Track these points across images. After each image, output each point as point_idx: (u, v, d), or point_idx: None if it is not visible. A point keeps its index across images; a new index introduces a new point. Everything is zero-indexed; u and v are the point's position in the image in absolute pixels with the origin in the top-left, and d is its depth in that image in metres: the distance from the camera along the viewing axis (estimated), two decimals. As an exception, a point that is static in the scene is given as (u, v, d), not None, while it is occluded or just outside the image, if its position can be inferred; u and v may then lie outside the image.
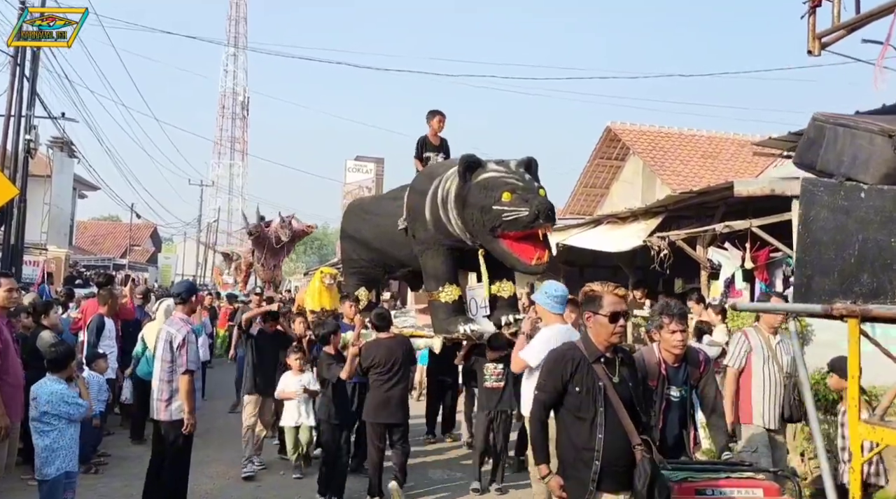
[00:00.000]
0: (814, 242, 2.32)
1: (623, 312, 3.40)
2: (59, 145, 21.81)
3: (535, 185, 5.80)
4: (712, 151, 18.35)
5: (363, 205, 8.59)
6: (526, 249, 5.60)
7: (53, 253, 21.49)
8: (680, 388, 4.18)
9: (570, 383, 3.33)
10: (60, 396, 4.80)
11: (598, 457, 3.21)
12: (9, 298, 5.06)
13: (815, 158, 2.40)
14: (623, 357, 3.49)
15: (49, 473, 4.71)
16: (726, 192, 8.16)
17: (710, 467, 4.00)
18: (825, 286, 2.26)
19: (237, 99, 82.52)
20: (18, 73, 13.48)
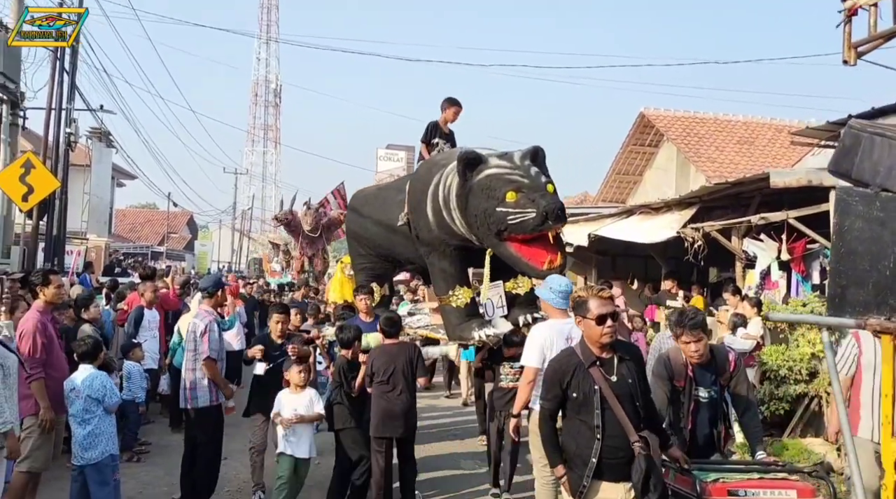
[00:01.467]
0: (848, 253, 2.29)
1: (611, 314, 3.49)
2: (98, 136, 22.21)
3: (542, 180, 5.28)
4: (748, 137, 18.01)
5: (366, 196, 7.70)
6: (537, 253, 5.12)
7: (94, 242, 22.03)
8: (708, 388, 4.16)
9: (568, 389, 3.50)
10: (101, 382, 4.94)
11: (595, 455, 3.40)
12: (58, 294, 5.24)
13: (851, 166, 2.37)
14: (621, 355, 3.57)
15: (93, 456, 4.84)
16: (762, 183, 8.04)
17: (743, 466, 3.98)
18: (860, 298, 2.24)
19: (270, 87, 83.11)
20: (59, 67, 13.75)
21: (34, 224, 13.04)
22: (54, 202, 13.76)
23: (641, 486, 3.26)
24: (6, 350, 4.30)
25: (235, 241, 50.90)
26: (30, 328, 5.00)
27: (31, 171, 11.29)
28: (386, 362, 5.48)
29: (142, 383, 7.72)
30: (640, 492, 3.28)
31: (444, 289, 6.12)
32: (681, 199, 9.92)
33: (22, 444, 4.87)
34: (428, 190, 5.84)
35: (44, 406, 4.95)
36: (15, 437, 4.30)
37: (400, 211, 6.43)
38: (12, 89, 11.92)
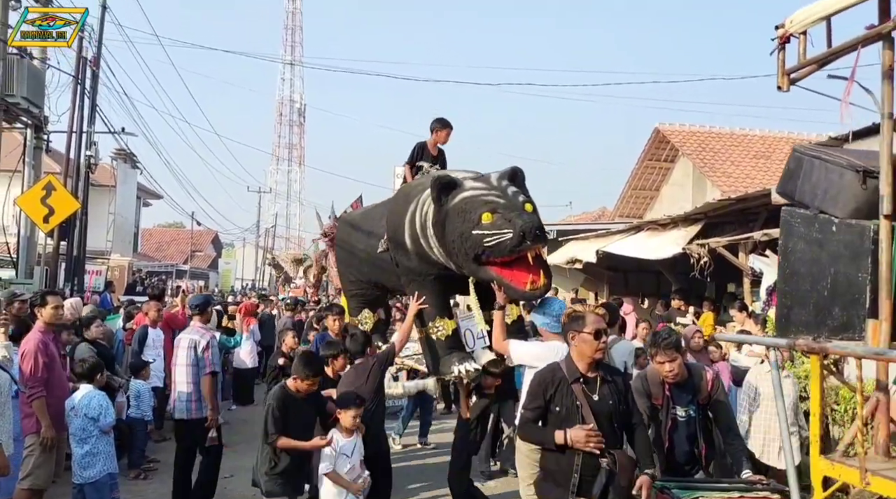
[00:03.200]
0: (792, 273, 2.32)
1: (604, 330, 3.56)
2: (123, 157, 22.71)
3: (519, 200, 4.99)
4: (765, 152, 17.87)
5: (352, 220, 7.41)
6: (518, 275, 4.83)
7: (116, 261, 22.44)
8: (686, 407, 4.17)
9: (551, 402, 3.55)
10: (97, 401, 5.06)
11: (577, 470, 3.44)
12: (55, 315, 5.38)
13: (794, 188, 2.40)
14: (604, 375, 3.62)
15: (91, 475, 4.96)
16: (766, 198, 8.00)
17: (726, 484, 3.95)
18: (802, 318, 2.26)
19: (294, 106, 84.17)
20: (80, 92, 14.16)
21: (55, 245, 13.38)
22: (75, 223, 14.12)
23: (600, 496, 3.36)
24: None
25: (259, 258, 51.46)
26: (31, 348, 5.14)
27: (52, 193, 11.62)
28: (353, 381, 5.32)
29: (150, 402, 7.84)
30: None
31: (424, 320, 5.78)
32: (686, 215, 9.90)
33: (24, 461, 5.02)
34: (405, 217, 5.64)
35: (45, 425, 5.08)
36: (3, 453, 4.40)
37: (379, 238, 6.22)
38: (36, 114, 12.29)
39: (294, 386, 4.76)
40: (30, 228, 12.48)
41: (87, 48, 14.32)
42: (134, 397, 7.62)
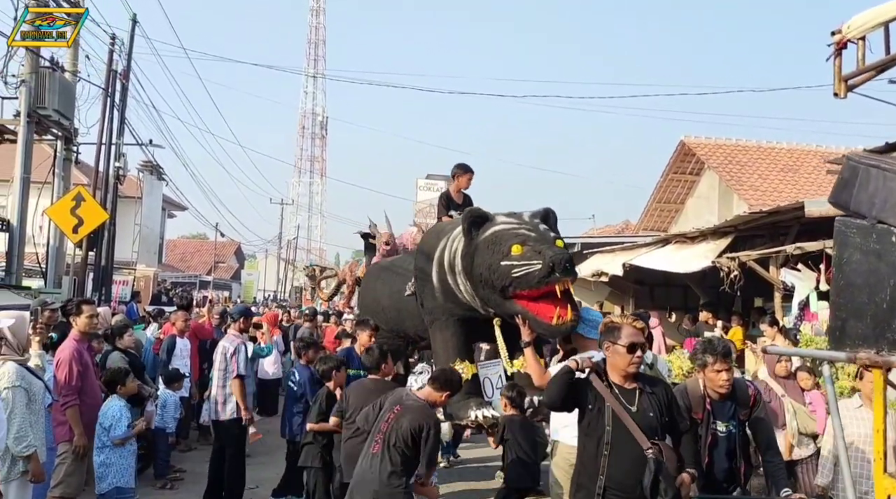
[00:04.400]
0: (847, 285, 2.26)
1: (640, 344, 3.49)
2: (149, 169, 22.99)
3: (550, 235, 5.00)
4: (792, 165, 17.65)
5: (379, 268, 7.44)
6: (544, 308, 4.71)
7: (142, 272, 22.67)
8: (726, 422, 4.06)
9: (586, 398, 3.48)
10: (112, 412, 5.07)
11: (603, 472, 3.35)
12: (90, 323, 5.42)
13: (849, 198, 2.34)
14: (642, 387, 3.54)
15: (102, 488, 4.97)
16: (798, 211, 7.89)
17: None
18: (858, 331, 2.20)
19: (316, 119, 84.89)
20: (109, 104, 14.37)
21: (83, 255, 13.55)
22: (103, 234, 14.29)
23: (651, 488, 3.22)
24: (32, 377, 4.46)
25: (281, 270, 51.74)
26: (66, 356, 5.18)
27: (81, 204, 11.78)
28: (362, 400, 4.96)
29: (175, 414, 7.88)
30: (648, 495, 3.24)
31: (444, 362, 5.63)
32: (716, 228, 9.78)
33: (56, 469, 5.03)
34: (434, 255, 5.62)
35: (77, 433, 5.10)
36: (38, 460, 4.44)
37: (408, 282, 6.19)
38: (66, 126, 12.47)
39: (437, 401, 4.59)
40: (59, 238, 12.64)
41: (117, 61, 14.53)
42: (160, 407, 7.65)
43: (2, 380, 4.27)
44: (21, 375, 4.36)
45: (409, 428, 4.22)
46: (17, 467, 4.31)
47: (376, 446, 4.29)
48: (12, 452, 4.26)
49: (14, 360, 4.38)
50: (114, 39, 14.43)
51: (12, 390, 4.28)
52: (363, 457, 4.35)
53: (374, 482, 4.18)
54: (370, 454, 4.29)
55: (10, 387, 4.28)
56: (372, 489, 4.17)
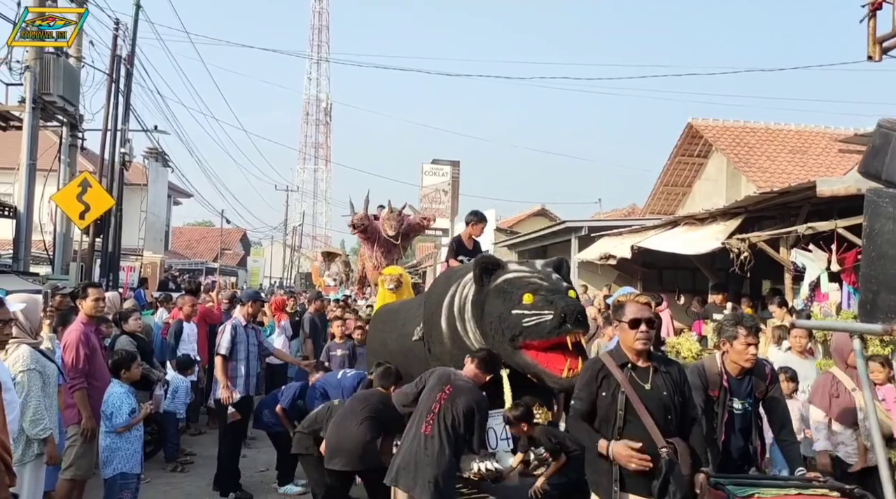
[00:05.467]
0: (879, 256, 2.20)
1: (646, 319, 3.46)
2: (154, 156, 22.95)
3: (562, 285, 4.90)
4: (801, 146, 17.52)
5: (389, 311, 7.19)
6: (554, 359, 4.58)
7: (149, 258, 22.68)
8: (743, 400, 4.05)
9: (600, 388, 3.48)
10: (114, 400, 5.03)
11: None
12: (95, 307, 5.39)
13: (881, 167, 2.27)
14: (657, 365, 3.53)
15: (106, 473, 4.95)
16: (809, 191, 7.79)
17: (781, 482, 3.80)
18: (891, 303, 2.14)
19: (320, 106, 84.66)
20: (114, 89, 14.29)
21: (90, 241, 13.51)
22: (110, 220, 14.26)
23: (659, 489, 3.24)
24: (46, 360, 4.45)
25: (287, 257, 51.79)
26: (73, 339, 5.16)
27: (87, 190, 11.74)
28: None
29: (185, 399, 7.89)
30: (657, 496, 3.25)
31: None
32: (726, 209, 9.68)
33: (66, 452, 5.03)
34: (443, 301, 5.52)
35: (86, 416, 5.10)
36: (54, 443, 4.43)
37: (416, 326, 6.02)
38: (71, 112, 12.42)
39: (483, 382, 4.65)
40: (65, 224, 12.62)
41: (121, 46, 14.43)
42: (171, 392, 7.66)
43: (17, 363, 4.26)
44: (35, 358, 4.35)
45: (464, 408, 4.28)
46: (32, 450, 4.31)
47: (427, 426, 4.29)
48: (29, 434, 4.25)
49: (27, 343, 4.35)
50: (118, 24, 14.32)
51: (27, 373, 4.27)
52: (411, 438, 4.33)
53: (430, 464, 4.20)
54: (421, 435, 4.28)
55: (24, 370, 4.26)
56: (430, 471, 4.17)
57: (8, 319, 3.53)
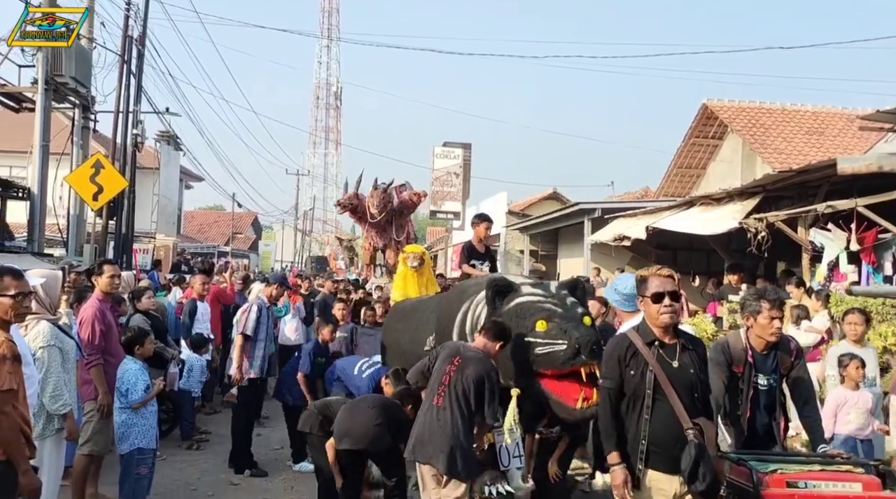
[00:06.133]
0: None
1: (670, 293, 3.34)
2: (166, 139, 22.98)
3: (578, 311, 4.74)
4: (818, 127, 17.31)
5: (404, 309, 6.90)
6: (569, 389, 4.46)
7: (161, 241, 22.78)
8: (768, 376, 3.97)
9: (627, 366, 3.39)
10: (128, 377, 5.02)
11: (644, 437, 3.31)
12: (111, 283, 5.40)
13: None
14: (685, 342, 3.44)
15: (123, 448, 4.96)
16: (829, 170, 7.69)
17: (803, 458, 3.77)
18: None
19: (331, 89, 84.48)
20: (126, 71, 14.28)
21: (104, 223, 13.58)
22: (123, 202, 14.31)
23: (689, 473, 3.16)
24: (65, 336, 4.45)
25: (298, 241, 51.92)
26: (89, 316, 5.17)
27: (100, 171, 11.77)
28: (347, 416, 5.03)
29: (200, 377, 7.94)
30: (687, 479, 3.19)
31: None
32: (743, 188, 9.58)
33: (83, 428, 5.05)
34: (455, 317, 5.38)
35: (102, 391, 5.11)
36: (73, 419, 4.44)
37: (429, 335, 5.85)
38: (83, 93, 12.42)
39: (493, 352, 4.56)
40: (79, 206, 12.66)
41: (132, 27, 14.41)
42: (187, 371, 7.70)
43: (36, 339, 4.26)
44: (55, 334, 4.35)
45: (475, 377, 4.27)
46: (53, 425, 4.32)
47: (439, 398, 4.30)
48: (49, 410, 4.26)
49: (47, 319, 4.36)
50: (129, 5, 14.28)
51: (47, 349, 4.27)
52: (426, 411, 4.35)
53: (445, 435, 4.21)
54: (434, 407, 4.29)
55: (45, 346, 4.26)
56: (445, 441, 4.19)
57: (28, 291, 3.52)
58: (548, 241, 21.32)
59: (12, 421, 3.18)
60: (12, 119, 14.64)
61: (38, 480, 3.38)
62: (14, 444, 3.19)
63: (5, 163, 20.73)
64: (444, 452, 4.17)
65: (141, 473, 4.99)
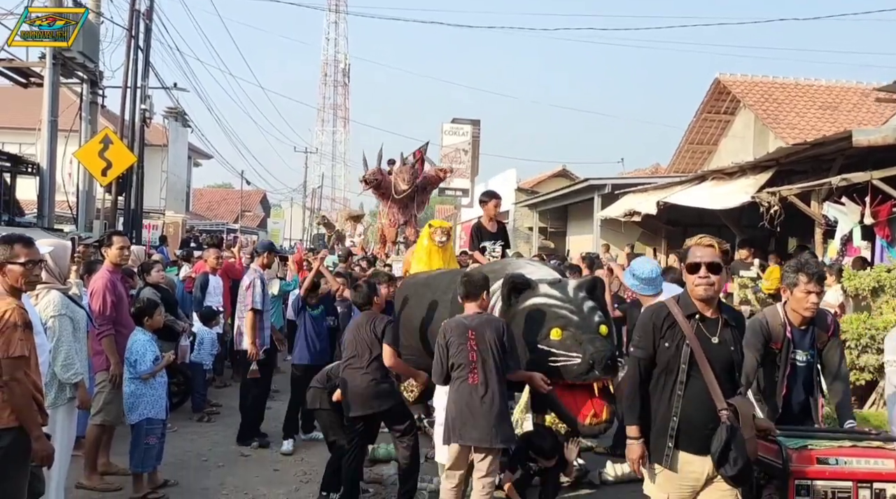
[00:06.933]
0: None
1: (707, 263, 3.12)
2: (174, 115, 22.93)
3: (595, 320, 4.59)
4: (831, 102, 17.10)
5: (416, 284, 6.60)
6: (579, 402, 4.39)
7: (171, 218, 22.85)
8: (806, 352, 3.83)
9: (663, 338, 3.19)
10: (137, 348, 5.06)
11: (676, 414, 3.12)
12: (120, 255, 5.39)
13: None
14: (728, 318, 3.22)
15: (132, 418, 5.00)
16: (844, 142, 7.58)
17: (834, 434, 3.62)
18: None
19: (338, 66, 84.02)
20: (133, 45, 14.20)
21: (113, 199, 13.60)
22: (132, 178, 14.31)
23: (719, 456, 3.00)
24: (75, 305, 4.45)
25: (306, 219, 51.96)
26: (100, 287, 5.17)
27: (109, 146, 11.77)
28: (353, 335, 5.06)
29: (211, 350, 7.96)
30: (716, 463, 3.03)
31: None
32: (756, 162, 9.47)
33: (95, 398, 5.07)
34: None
35: (114, 362, 5.13)
36: (85, 388, 4.46)
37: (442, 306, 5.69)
38: (91, 68, 12.38)
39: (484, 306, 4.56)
40: (88, 182, 12.68)
41: (139, 1, 14.31)
42: (198, 344, 7.73)
43: (47, 308, 4.26)
44: (65, 303, 4.34)
45: (496, 338, 4.21)
46: (65, 394, 4.33)
47: (473, 377, 4.21)
48: (60, 379, 4.27)
49: (57, 288, 4.36)
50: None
51: (58, 318, 4.27)
52: (461, 394, 4.24)
53: (489, 410, 4.17)
54: (469, 387, 4.20)
55: (55, 315, 4.26)
56: (494, 417, 4.16)
57: (39, 259, 3.50)
58: (557, 217, 21.26)
59: (24, 388, 3.18)
60: (21, 95, 14.65)
61: (51, 446, 3.39)
62: (26, 410, 3.20)
63: (14, 139, 20.78)
64: (495, 426, 4.14)
65: (150, 443, 5.03)
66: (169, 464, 5.65)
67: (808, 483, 3.26)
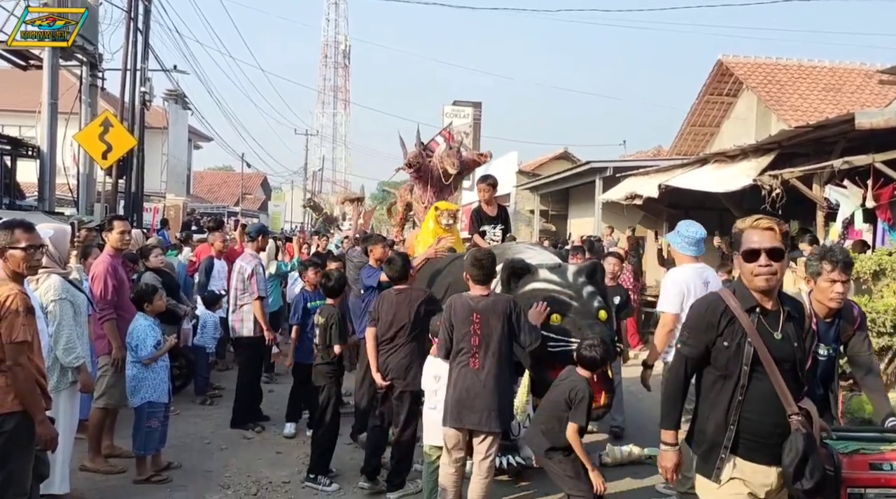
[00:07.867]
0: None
1: (767, 249, 2.74)
2: (174, 98, 22.81)
3: (594, 305, 4.58)
4: (835, 84, 16.97)
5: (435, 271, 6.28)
6: None
7: (171, 201, 22.79)
8: (829, 346, 3.69)
9: (721, 336, 2.83)
10: (138, 333, 5.10)
11: (735, 422, 2.79)
12: (121, 239, 5.40)
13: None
14: (790, 310, 2.88)
15: (134, 402, 5.07)
16: (846, 125, 7.54)
17: (879, 435, 3.35)
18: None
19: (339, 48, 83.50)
20: (133, 27, 14.10)
21: (114, 182, 13.59)
22: (132, 161, 14.28)
23: (795, 470, 2.65)
24: (76, 290, 4.46)
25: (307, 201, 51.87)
26: (101, 271, 5.19)
27: (109, 129, 11.75)
28: (387, 311, 4.98)
29: (214, 334, 7.99)
30: (791, 478, 2.67)
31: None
32: (758, 145, 9.42)
33: (98, 382, 5.11)
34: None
35: (116, 346, 5.16)
36: (87, 371, 4.49)
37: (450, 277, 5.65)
38: (91, 51, 12.30)
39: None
40: (89, 165, 12.64)
41: (138, -18, 14.19)
42: (201, 327, 7.75)
43: (48, 293, 4.28)
44: (66, 288, 4.37)
45: (501, 323, 4.20)
46: (67, 378, 4.37)
47: (475, 360, 4.21)
48: (62, 363, 4.30)
49: (57, 273, 4.37)
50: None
51: (59, 302, 4.29)
52: (461, 377, 4.24)
53: (490, 393, 4.17)
54: (471, 371, 4.21)
55: (56, 300, 4.28)
56: (495, 400, 4.18)
57: (39, 244, 3.51)
58: (558, 200, 21.20)
59: (28, 372, 3.20)
60: (20, 77, 14.56)
61: (55, 429, 3.42)
62: (30, 394, 3.23)
63: (14, 122, 20.69)
64: (495, 409, 4.17)
65: (152, 426, 5.09)
66: (172, 446, 5.72)
67: (862, 491, 3.03)
